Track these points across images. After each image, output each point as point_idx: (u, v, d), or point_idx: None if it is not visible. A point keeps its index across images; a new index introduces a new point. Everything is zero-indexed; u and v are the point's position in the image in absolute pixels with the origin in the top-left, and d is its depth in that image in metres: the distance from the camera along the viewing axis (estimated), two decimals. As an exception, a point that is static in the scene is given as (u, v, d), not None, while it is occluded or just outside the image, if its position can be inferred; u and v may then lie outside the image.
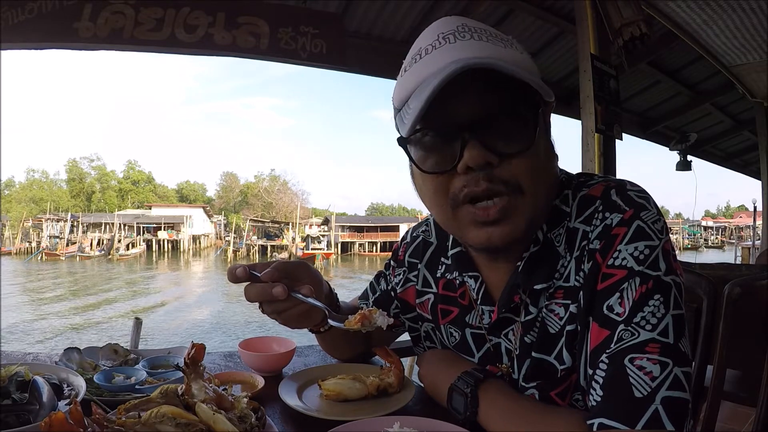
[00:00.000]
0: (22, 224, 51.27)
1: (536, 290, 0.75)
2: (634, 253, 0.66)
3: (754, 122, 6.03)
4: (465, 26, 0.70)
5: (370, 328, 0.80)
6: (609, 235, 0.68)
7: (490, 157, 0.66)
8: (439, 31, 0.70)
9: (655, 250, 0.66)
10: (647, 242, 0.66)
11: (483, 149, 0.66)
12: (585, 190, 0.75)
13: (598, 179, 0.76)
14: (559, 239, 0.74)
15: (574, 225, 0.73)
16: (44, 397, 0.73)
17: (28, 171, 70.66)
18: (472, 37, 0.68)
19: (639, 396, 0.60)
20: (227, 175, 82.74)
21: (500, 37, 0.70)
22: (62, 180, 73.18)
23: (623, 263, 0.66)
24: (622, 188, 0.72)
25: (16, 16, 2.84)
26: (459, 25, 0.70)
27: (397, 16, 3.84)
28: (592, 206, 0.72)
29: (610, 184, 0.73)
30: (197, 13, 3.14)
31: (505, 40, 0.70)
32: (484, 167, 0.67)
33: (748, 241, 25.85)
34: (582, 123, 3.14)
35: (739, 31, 3.79)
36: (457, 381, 0.78)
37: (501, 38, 0.70)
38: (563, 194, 0.76)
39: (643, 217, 0.68)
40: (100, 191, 72.84)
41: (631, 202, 0.69)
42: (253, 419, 0.66)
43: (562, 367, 0.72)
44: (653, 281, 0.65)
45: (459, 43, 0.68)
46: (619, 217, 0.69)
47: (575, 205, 0.74)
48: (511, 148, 0.67)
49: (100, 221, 50.98)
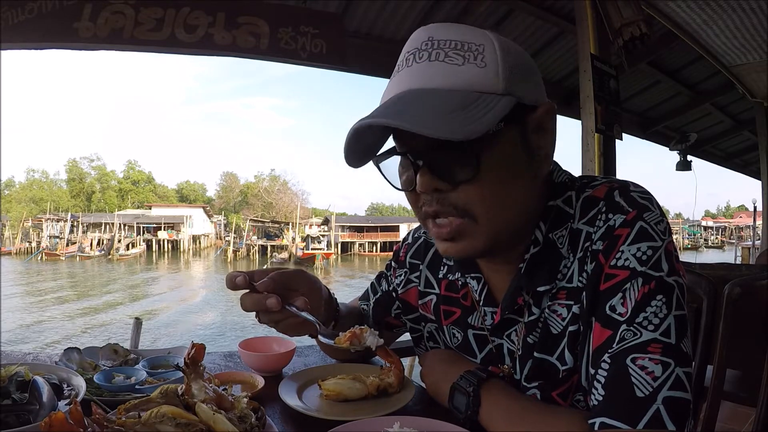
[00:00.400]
0: (22, 224, 51.28)
1: (539, 292, 0.75)
2: (636, 253, 0.66)
3: (754, 122, 6.03)
4: (430, 41, 0.69)
5: (359, 347, 0.82)
6: (612, 236, 0.68)
7: (439, 184, 0.68)
8: (408, 47, 0.71)
9: (657, 251, 0.66)
10: (650, 243, 0.66)
11: (431, 177, 0.68)
12: (588, 191, 0.75)
13: (601, 180, 0.76)
14: (562, 241, 0.74)
15: (578, 226, 0.73)
16: (44, 397, 0.73)
17: (28, 171, 70.85)
18: (429, 57, 0.67)
19: (641, 396, 0.60)
20: (227, 175, 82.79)
21: (467, 48, 0.67)
22: (62, 180, 73.31)
23: (626, 264, 0.66)
24: (626, 189, 0.72)
25: (16, 16, 2.84)
26: (424, 41, 0.69)
27: (397, 16, 3.84)
28: (595, 207, 0.72)
29: (614, 185, 0.73)
30: (197, 13, 3.14)
31: (472, 53, 0.67)
32: (434, 192, 0.69)
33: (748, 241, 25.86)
34: (582, 123, 3.13)
35: (739, 31, 3.79)
36: (460, 380, 0.78)
37: (466, 52, 0.67)
38: (566, 195, 0.76)
39: (645, 218, 0.68)
40: (100, 191, 72.84)
41: (634, 203, 0.69)
42: (253, 419, 0.66)
43: (564, 368, 0.73)
44: (656, 282, 0.65)
45: (415, 66, 0.68)
46: (622, 218, 0.69)
47: (578, 206, 0.74)
48: (456, 177, 0.67)
49: (100, 221, 50.97)
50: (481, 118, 0.62)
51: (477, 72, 0.66)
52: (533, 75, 0.72)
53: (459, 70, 0.66)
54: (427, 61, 0.67)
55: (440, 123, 0.61)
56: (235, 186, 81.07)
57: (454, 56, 0.67)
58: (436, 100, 0.64)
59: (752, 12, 3.48)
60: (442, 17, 3.90)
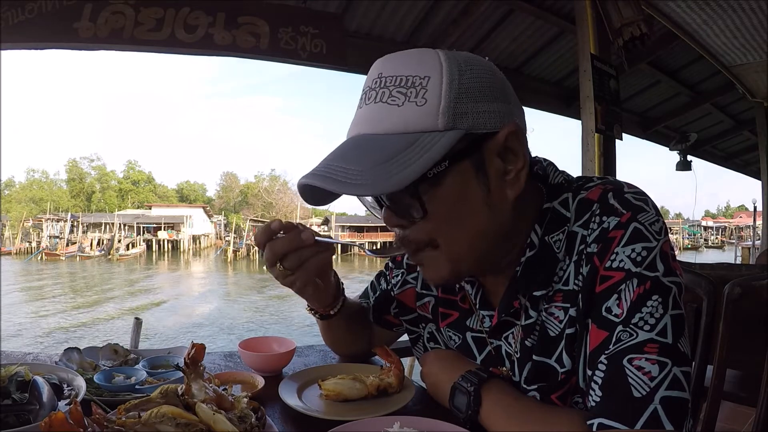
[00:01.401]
0: (22, 224, 51.30)
1: (535, 295, 0.75)
2: (631, 255, 0.66)
3: (754, 122, 6.03)
4: (378, 80, 0.69)
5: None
6: (606, 238, 0.68)
7: (398, 221, 0.71)
8: (365, 83, 0.72)
9: (652, 252, 0.66)
10: (644, 244, 0.66)
11: (390, 215, 0.71)
12: (583, 194, 0.74)
13: (596, 182, 0.75)
14: (559, 244, 0.74)
15: (573, 229, 0.73)
16: (44, 397, 0.73)
17: (28, 171, 70.78)
18: (375, 98, 0.68)
19: (638, 396, 0.60)
20: (227, 175, 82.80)
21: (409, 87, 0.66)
22: (62, 180, 73.26)
23: (620, 265, 0.66)
24: (620, 191, 0.71)
25: (16, 16, 2.84)
26: (375, 78, 0.69)
27: (397, 16, 3.84)
28: (590, 210, 0.72)
29: (608, 187, 0.73)
30: (197, 13, 3.14)
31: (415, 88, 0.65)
32: (397, 227, 0.73)
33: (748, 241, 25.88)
34: (582, 123, 3.14)
35: (739, 31, 3.79)
36: (460, 379, 0.78)
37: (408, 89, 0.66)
38: (563, 198, 0.76)
39: (640, 219, 0.68)
40: (100, 191, 72.83)
41: (628, 205, 0.69)
42: (253, 419, 0.66)
43: (563, 370, 0.73)
44: (651, 282, 0.65)
45: (364, 108, 0.69)
46: (616, 220, 0.68)
47: (574, 208, 0.74)
48: (409, 217, 0.69)
49: (100, 221, 51.00)
50: (414, 163, 0.62)
51: (414, 111, 0.65)
52: (496, 94, 0.68)
53: (398, 112, 0.65)
54: (373, 103, 0.68)
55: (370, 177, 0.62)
56: (235, 186, 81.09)
57: (397, 95, 0.66)
58: (375, 148, 0.65)
59: (752, 12, 3.48)
60: (442, 17, 3.90)
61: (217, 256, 47.31)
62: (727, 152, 8.76)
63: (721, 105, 6.59)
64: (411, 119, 0.65)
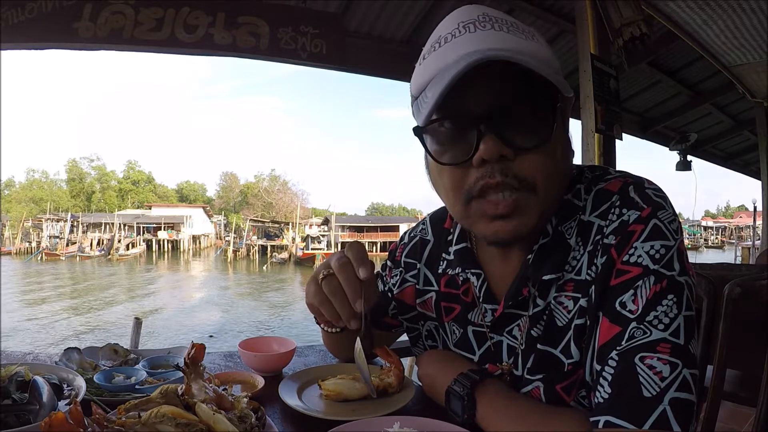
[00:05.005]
0: (22, 224, 51.26)
1: (545, 282, 0.74)
2: (650, 251, 0.66)
3: (754, 122, 6.03)
4: (486, 15, 0.69)
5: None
6: (625, 231, 0.68)
7: (506, 150, 0.66)
8: (459, 19, 0.70)
9: (670, 250, 0.66)
10: (663, 242, 0.66)
11: (499, 142, 0.65)
12: (602, 185, 0.74)
13: (615, 174, 0.75)
14: (570, 232, 0.74)
15: (589, 219, 0.73)
16: (44, 397, 0.73)
17: (28, 171, 70.85)
18: (492, 27, 0.67)
19: (648, 396, 0.60)
20: (227, 175, 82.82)
21: (521, 28, 0.69)
22: (62, 180, 73.25)
23: (639, 261, 0.66)
24: (641, 186, 0.71)
25: (16, 16, 2.84)
26: (480, 14, 0.69)
27: (397, 16, 3.84)
28: (609, 201, 0.71)
29: (628, 180, 0.73)
30: (197, 13, 3.14)
31: (527, 32, 0.69)
32: (499, 160, 0.66)
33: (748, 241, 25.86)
34: (582, 123, 3.14)
35: (739, 31, 3.79)
36: (454, 383, 0.77)
37: (522, 30, 0.69)
38: (575, 188, 0.76)
39: (660, 216, 0.67)
40: (100, 191, 72.83)
41: (648, 200, 0.69)
42: (253, 419, 0.66)
43: (569, 362, 0.72)
44: (667, 281, 0.64)
45: (479, 32, 0.67)
46: (636, 214, 0.68)
47: (590, 199, 0.74)
48: (527, 142, 0.66)
49: (100, 221, 50.96)
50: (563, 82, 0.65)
51: (543, 48, 0.68)
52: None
53: (528, 43, 0.67)
54: (493, 30, 0.67)
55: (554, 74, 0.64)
56: (235, 186, 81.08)
57: (517, 32, 0.68)
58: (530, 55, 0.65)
59: (752, 12, 3.48)
60: (442, 17, 3.87)
61: (217, 256, 47.33)
62: (727, 152, 8.76)
63: (721, 105, 6.59)
64: (539, 52, 0.67)
